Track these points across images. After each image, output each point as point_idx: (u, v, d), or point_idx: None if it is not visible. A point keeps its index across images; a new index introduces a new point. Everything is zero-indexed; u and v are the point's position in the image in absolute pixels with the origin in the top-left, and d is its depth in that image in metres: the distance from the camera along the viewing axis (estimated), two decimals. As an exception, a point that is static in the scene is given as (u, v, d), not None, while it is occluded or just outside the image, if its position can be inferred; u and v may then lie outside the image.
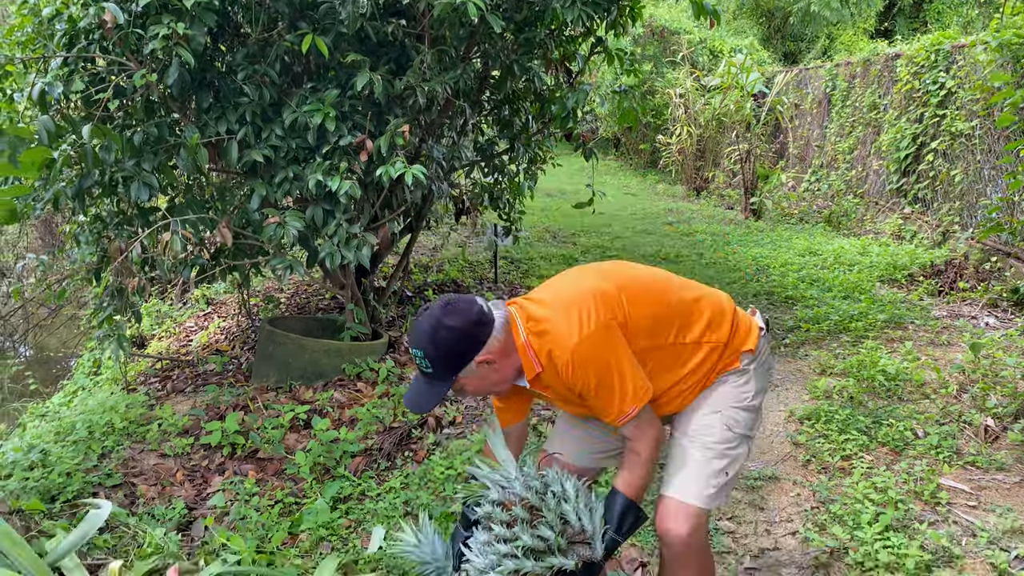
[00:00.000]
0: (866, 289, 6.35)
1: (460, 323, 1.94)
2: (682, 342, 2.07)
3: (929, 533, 2.86)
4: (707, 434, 2.09)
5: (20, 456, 3.67)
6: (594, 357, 1.92)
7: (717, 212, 11.36)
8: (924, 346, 4.90)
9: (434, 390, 2.01)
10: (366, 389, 4.62)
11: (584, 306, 1.94)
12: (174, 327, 6.85)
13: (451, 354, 1.95)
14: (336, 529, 3.23)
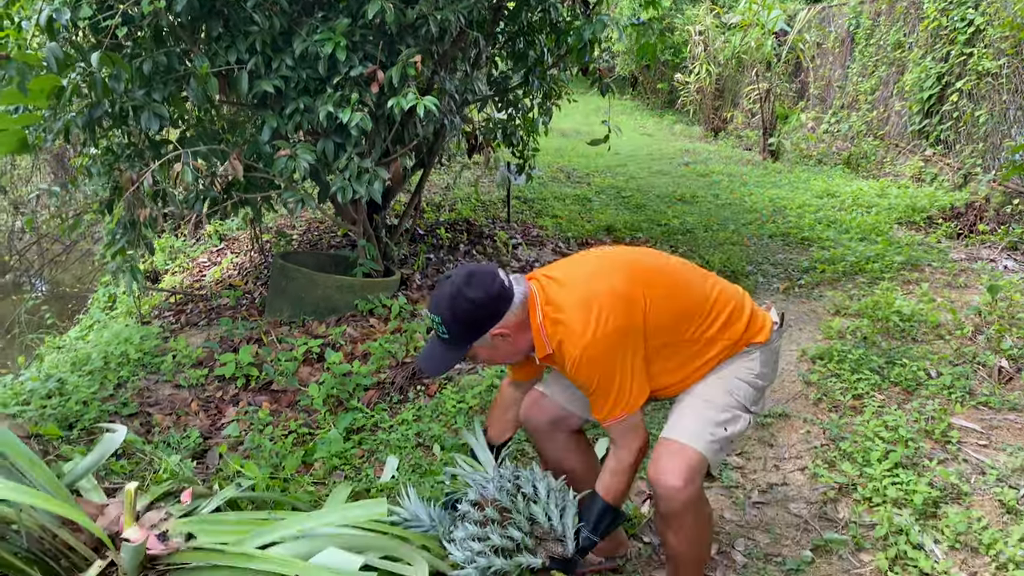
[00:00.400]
0: (883, 231, 6.28)
1: (480, 295, 1.94)
2: (699, 338, 2.08)
3: (938, 470, 2.86)
4: (709, 394, 2.09)
5: (38, 385, 3.72)
6: (600, 360, 1.93)
7: (735, 153, 11.20)
8: (940, 288, 4.85)
9: (448, 355, 2.04)
10: (378, 325, 4.63)
11: (603, 305, 1.93)
12: (187, 262, 6.87)
13: (468, 324, 1.97)
14: (349, 459, 3.27)
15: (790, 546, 2.63)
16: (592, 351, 1.91)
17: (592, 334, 1.91)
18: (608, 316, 1.92)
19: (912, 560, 2.46)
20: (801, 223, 6.78)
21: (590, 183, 8.92)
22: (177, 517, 1.95)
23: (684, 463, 1.98)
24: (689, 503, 1.98)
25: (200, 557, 1.70)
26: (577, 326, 1.92)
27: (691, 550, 2.09)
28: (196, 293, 5.57)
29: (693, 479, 1.97)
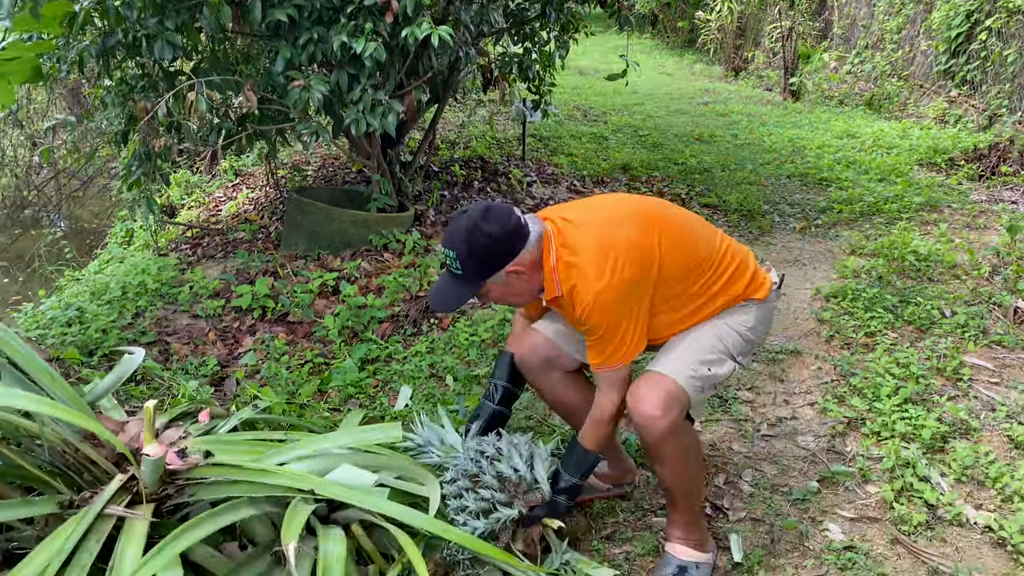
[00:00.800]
0: (903, 172, 6.19)
1: (497, 230, 1.92)
2: (704, 292, 2.09)
3: (948, 406, 2.87)
4: (697, 336, 2.11)
5: (58, 313, 3.78)
6: (611, 307, 1.93)
7: (755, 93, 11.00)
8: (959, 229, 4.80)
9: (460, 291, 2.01)
10: (392, 259, 4.65)
11: (619, 255, 1.92)
12: (203, 197, 6.88)
13: (483, 260, 1.95)
14: (364, 388, 3.33)
15: (797, 477, 2.67)
16: (605, 297, 1.91)
17: (607, 281, 1.90)
18: (623, 264, 1.91)
19: (918, 492, 2.49)
20: (820, 164, 6.69)
21: (607, 122, 8.81)
22: (195, 436, 1.99)
23: (662, 392, 1.98)
24: (667, 433, 1.98)
25: (218, 472, 1.75)
26: (592, 271, 1.92)
27: (679, 482, 2.12)
28: (212, 227, 5.60)
29: (670, 409, 1.98)
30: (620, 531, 2.42)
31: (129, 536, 1.61)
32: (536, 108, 5.95)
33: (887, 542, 2.33)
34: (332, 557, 1.53)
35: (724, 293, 2.11)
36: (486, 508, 2.09)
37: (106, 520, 1.65)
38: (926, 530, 2.36)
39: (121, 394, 2.81)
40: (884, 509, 2.47)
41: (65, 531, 1.58)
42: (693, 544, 2.19)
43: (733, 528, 2.41)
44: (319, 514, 1.83)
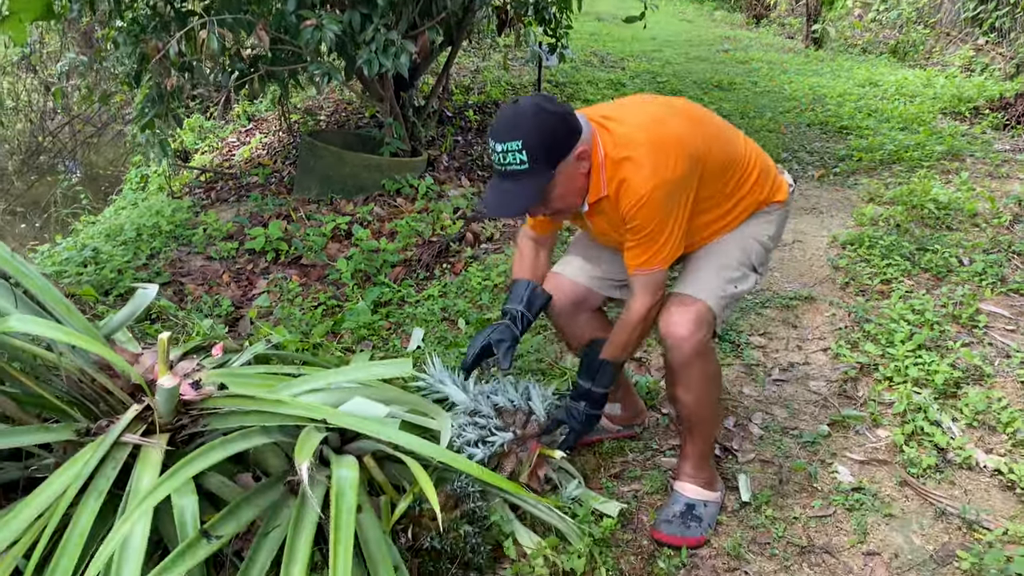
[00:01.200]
0: (926, 121, 6.07)
1: (560, 108, 1.83)
2: (735, 192, 2.07)
3: (962, 352, 2.85)
4: (724, 251, 2.10)
5: (74, 254, 3.80)
6: (662, 203, 1.87)
7: (776, 41, 10.79)
8: (981, 178, 4.72)
9: (528, 188, 1.84)
10: (405, 204, 4.64)
11: (672, 152, 1.86)
12: (217, 142, 6.86)
13: (555, 141, 1.81)
14: (377, 330, 3.34)
15: (807, 421, 2.67)
16: (659, 192, 1.85)
17: (663, 176, 1.84)
18: (676, 160, 1.86)
19: (928, 435, 2.49)
20: (840, 112, 6.57)
21: (624, 68, 8.67)
22: (209, 369, 2.01)
23: (693, 314, 1.98)
24: (696, 354, 1.99)
25: (232, 403, 1.77)
26: (647, 166, 1.84)
27: (699, 410, 2.11)
28: (226, 171, 5.59)
29: (699, 330, 1.98)
30: (629, 470, 2.44)
31: (145, 463, 1.64)
32: (552, 52, 5.85)
33: (895, 484, 2.34)
34: (345, 482, 1.55)
35: (752, 194, 2.10)
36: (484, 435, 2.14)
37: (122, 448, 1.68)
38: (935, 473, 2.36)
39: (136, 331, 2.84)
40: (894, 452, 2.47)
41: (83, 457, 1.61)
42: (702, 483, 2.20)
43: (742, 469, 2.43)
44: (332, 445, 1.85)
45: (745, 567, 2.06)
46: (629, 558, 2.09)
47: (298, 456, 1.50)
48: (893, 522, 2.20)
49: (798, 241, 4.03)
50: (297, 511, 1.59)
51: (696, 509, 2.16)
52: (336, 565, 1.42)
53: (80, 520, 1.51)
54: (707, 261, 2.10)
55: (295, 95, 7.05)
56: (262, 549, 1.59)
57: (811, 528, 2.19)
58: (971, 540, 2.10)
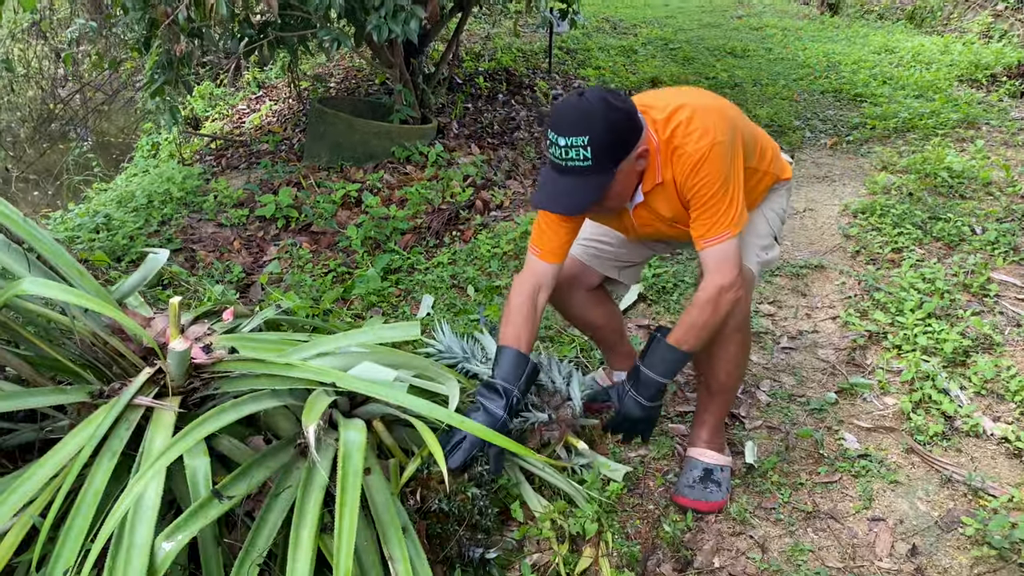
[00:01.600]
0: (942, 88, 5.99)
1: (627, 105, 1.79)
2: (757, 168, 2.09)
3: (972, 321, 2.84)
4: (752, 222, 2.15)
5: (86, 220, 3.83)
6: (721, 163, 1.83)
7: (791, 7, 10.63)
8: (996, 146, 4.67)
9: (591, 185, 1.79)
10: (415, 172, 4.63)
11: (717, 115, 1.86)
12: (227, 110, 6.85)
13: (621, 138, 1.77)
14: (386, 297, 3.36)
15: (815, 388, 2.68)
16: (718, 151, 1.81)
17: (714, 136, 1.82)
18: (723, 122, 1.86)
19: (936, 403, 2.50)
20: (855, 79, 6.49)
21: (636, 34, 8.58)
22: (220, 333, 2.03)
23: (735, 267, 1.91)
24: (738, 327, 2.03)
25: (242, 366, 1.78)
26: (698, 127, 1.82)
27: (727, 375, 2.14)
28: (236, 139, 5.59)
29: (744, 285, 1.95)
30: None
31: (157, 425, 1.66)
32: (564, 18, 5.79)
33: (902, 451, 2.35)
34: (352, 445, 1.57)
35: (770, 171, 2.14)
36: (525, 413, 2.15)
37: (135, 410, 1.70)
38: (942, 440, 2.37)
39: (148, 297, 2.87)
40: (901, 420, 2.48)
41: (96, 419, 1.64)
42: (716, 447, 2.23)
43: (749, 436, 2.44)
44: (341, 409, 1.87)
45: (750, 531, 2.08)
46: (635, 522, 2.12)
47: (306, 419, 1.52)
48: (899, 488, 2.21)
49: (809, 210, 4.01)
50: (306, 473, 1.62)
51: (714, 474, 2.18)
52: (342, 526, 1.45)
53: (95, 480, 1.54)
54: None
55: (305, 62, 7.01)
56: (273, 510, 1.62)
57: (817, 494, 2.21)
58: (976, 507, 2.12)
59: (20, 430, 1.89)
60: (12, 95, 9.19)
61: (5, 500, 1.47)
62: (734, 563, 1.99)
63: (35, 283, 1.55)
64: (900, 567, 1.95)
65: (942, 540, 2.03)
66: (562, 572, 1.92)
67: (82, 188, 6.23)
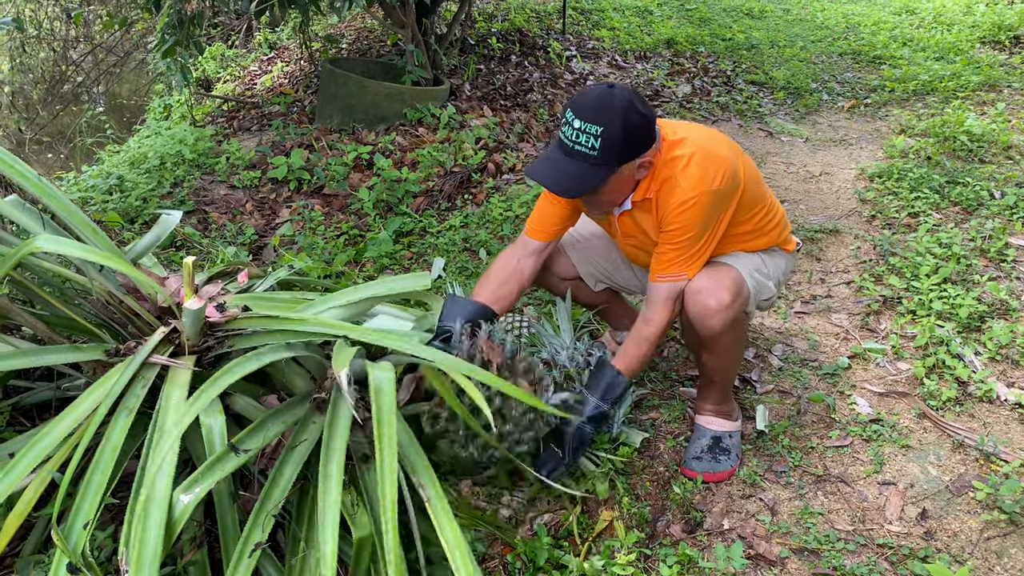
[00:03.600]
0: (963, 50, 5.88)
1: (650, 113, 1.82)
2: (759, 227, 2.08)
3: (988, 286, 2.82)
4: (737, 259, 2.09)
5: (99, 181, 3.83)
6: (704, 211, 1.87)
7: (809, -34, 10.41)
8: (1017, 109, 4.59)
9: (587, 175, 1.81)
10: (427, 134, 4.60)
11: (721, 165, 1.86)
12: (238, 71, 6.81)
13: (632, 141, 1.79)
14: (398, 259, 3.36)
15: (828, 353, 2.67)
16: (706, 199, 1.85)
17: (710, 184, 1.84)
18: (724, 175, 1.86)
19: (950, 368, 2.49)
20: (874, 41, 6.38)
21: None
22: (234, 294, 2.04)
23: (728, 280, 1.95)
24: (732, 324, 1.97)
25: (256, 323, 1.79)
26: (698, 170, 1.85)
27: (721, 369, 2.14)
28: (248, 100, 5.56)
29: (736, 296, 1.94)
30: (648, 399, 2.46)
31: (173, 383, 1.68)
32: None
33: (914, 416, 2.34)
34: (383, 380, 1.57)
35: (771, 233, 2.12)
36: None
37: (150, 368, 1.71)
38: (955, 405, 2.36)
39: (162, 259, 2.88)
40: (914, 385, 2.47)
41: (112, 376, 1.65)
42: (723, 414, 2.23)
43: (760, 400, 2.44)
44: (357, 364, 1.88)
45: (760, 494, 2.09)
46: (646, 484, 2.13)
47: (337, 364, 1.54)
48: (910, 453, 2.21)
49: (825, 173, 3.97)
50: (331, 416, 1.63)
51: (723, 441, 2.19)
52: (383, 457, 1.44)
53: (112, 437, 1.55)
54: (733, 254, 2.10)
55: (316, 22, 6.95)
56: (288, 463, 1.63)
57: (827, 458, 2.21)
58: (988, 471, 2.12)
59: (37, 388, 1.91)
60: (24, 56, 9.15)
61: (24, 456, 1.49)
62: (743, 525, 2.00)
63: (50, 240, 1.55)
64: (910, 530, 1.96)
65: (952, 504, 2.03)
66: (575, 531, 1.93)
67: (94, 150, 6.23)
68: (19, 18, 2.84)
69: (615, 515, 1.99)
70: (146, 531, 1.41)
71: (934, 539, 1.93)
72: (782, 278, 2.22)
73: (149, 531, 1.41)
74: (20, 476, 1.46)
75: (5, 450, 1.64)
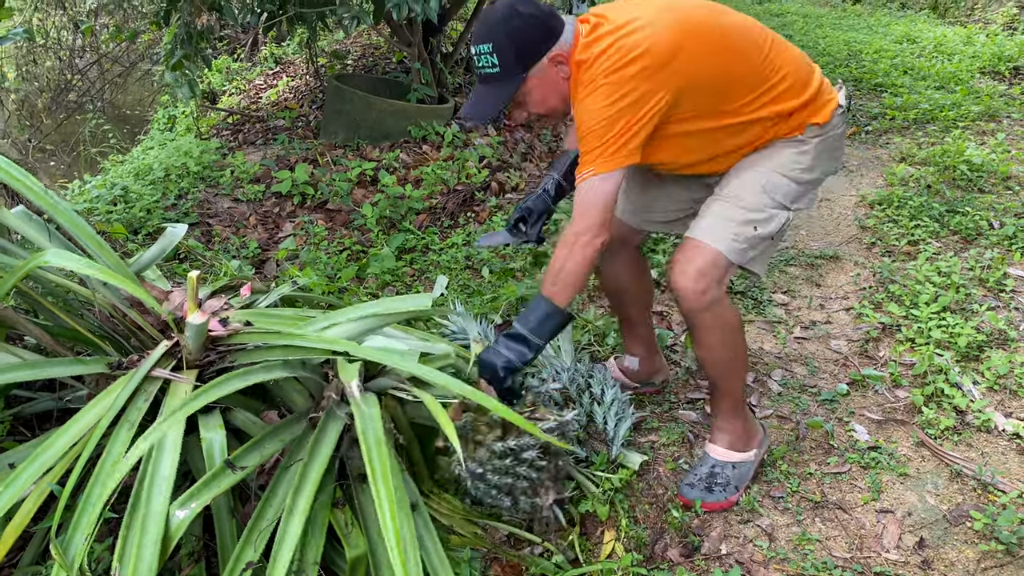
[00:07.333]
0: (964, 80, 5.92)
1: (535, 10, 1.79)
2: (745, 109, 1.87)
3: (987, 316, 2.83)
4: (741, 193, 1.93)
5: (104, 192, 3.85)
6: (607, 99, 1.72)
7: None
8: (1017, 139, 4.62)
9: (499, 91, 1.82)
10: (431, 152, 4.63)
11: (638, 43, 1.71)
12: (244, 84, 6.85)
13: (524, 45, 1.77)
14: (401, 276, 3.37)
15: (827, 379, 2.68)
16: (607, 88, 1.72)
17: (610, 73, 1.72)
18: (639, 64, 1.71)
19: (948, 397, 2.49)
20: (875, 68, 6.42)
21: (656, 19, 8.51)
22: (237, 308, 2.05)
23: (700, 262, 1.87)
24: (707, 306, 1.89)
25: (258, 338, 1.80)
26: (602, 65, 1.73)
27: (717, 363, 2.03)
28: (253, 114, 5.59)
29: (705, 278, 1.86)
30: (647, 421, 2.46)
31: (174, 397, 1.68)
32: (584, 0, 5.75)
33: (912, 444, 2.35)
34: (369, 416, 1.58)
35: (774, 112, 1.88)
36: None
37: (153, 382, 1.72)
38: (953, 435, 2.37)
39: (165, 270, 2.89)
40: (912, 413, 2.48)
41: (115, 389, 1.66)
42: (732, 441, 2.15)
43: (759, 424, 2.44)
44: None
45: (757, 520, 2.09)
46: (644, 507, 2.13)
47: (345, 377, 1.56)
48: (908, 481, 2.21)
49: (826, 199, 3.99)
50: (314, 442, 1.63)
51: (723, 473, 2.12)
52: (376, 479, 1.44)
53: (113, 450, 1.56)
54: (719, 203, 1.95)
55: (322, 38, 7.00)
56: (282, 482, 1.64)
57: (825, 484, 2.22)
58: (985, 501, 2.12)
59: (39, 399, 1.92)
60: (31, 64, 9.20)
61: (26, 468, 1.50)
62: (741, 550, 2.00)
63: (58, 255, 1.56)
64: (907, 559, 1.96)
65: (950, 534, 2.03)
66: (579, 554, 1.93)
67: (98, 160, 6.25)
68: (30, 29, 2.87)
69: (613, 537, 1.98)
70: (142, 546, 1.41)
71: (931, 568, 1.93)
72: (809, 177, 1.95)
73: (145, 547, 1.41)
74: (22, 488, 1.47)
75: (5, 460, 1.65)
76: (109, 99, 9.90)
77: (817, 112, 1.92)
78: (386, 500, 1.40)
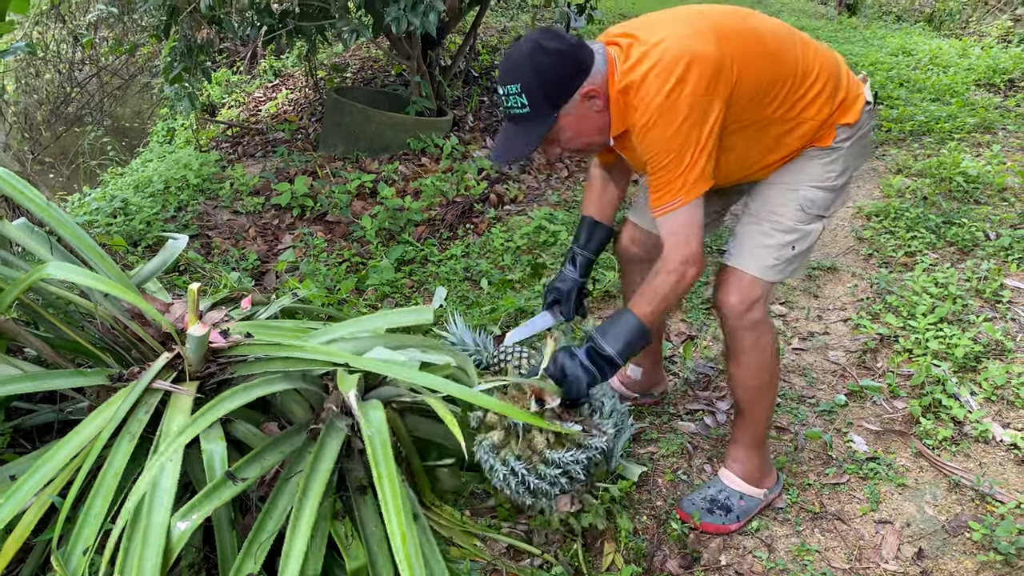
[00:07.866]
0: (959, 92, 5.95)
1: (562, 45, 1.70)
2: (784, 116, 1.82)
3: (984, 327, 2.85)
4: (778, 213, 1.91)
5: (104, 204, 3.86)
6: (674, 127, 1.67)
7: (808, 6, 10.58)
8: (1013, 151, 4.65)
9: (530, 131, 1.75)
10: (430, 164, 4.65)
11: (687, 68, 1.65)
12: (243, 97, 6.88)
13: (554, 81, 1.69)
14: (400, 288, 3.38)
15: (825, 390, 2.69)
16: (671, 114, 1.66)
17: (668, 95, 1.65)
18: (692, 79, 1.65)
19: (946, 408, 2.50)
20: (872, 81, 6.46)
21: (653, 32, 8.56)
22: (237, 320, 2.06)
23: (741, 286, 1.89)
24: (752, 325, 1.91)
25: (258, 350, 1.81)
26: (653, 86, 1.66)
27: (750, 389, 2.01)
28: (252, 126, 5.61)
29: (752, 300, 1.89)
30: (646, 432, 2.47)
31: (175, 409, 1.69)
32: (581, 13, 5.80)
33: (911, 455, 2.36)
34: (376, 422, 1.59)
35: (810, 118, 1.83)
36: None
37: (153, 394, 1.73)
38: (951, 445, 2.37)
39: (165, 283, 2.90)
40: (910, 424, 2.48)
41: (116, 401, 1.66)
42: (747, 473, 2.11)
43: (758, 435, 2.45)
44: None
45: (756, 531, 2.10)
46: (643, 518, 2.14)
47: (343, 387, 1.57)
48: (906, 492, 2.22)
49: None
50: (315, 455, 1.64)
51: (728, 500, 2.10)
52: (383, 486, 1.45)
53: (114, 461, 1.56)
54: (759, 226, 1.93)
55: (321, 51, 7.04)
56: (283, 493, 1.64)
57: (824, 495, 2.22)
58: (984, 512, 2.12)
59: (39, 411, 1.92)
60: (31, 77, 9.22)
61: (27, 480, 1.50)
62: (740, 561, 2.00)
63: (60, 268, 1.57)
64: (906, 570, 1.96)
65: (948, 544, 2.04)
66: (583, 566, 1.93)
67: (97, 172, 6.27)
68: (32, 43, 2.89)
69: (613, 548, 1.99)
70: (144, 558, 1.41)
71: (930, 579, 1.94)
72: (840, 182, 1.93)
73: (146, 559, 1.41)
74: (23, 500, 1.47)
75: (6, 472, 1.65)
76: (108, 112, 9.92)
77: (847, 111, 1.87)
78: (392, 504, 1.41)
